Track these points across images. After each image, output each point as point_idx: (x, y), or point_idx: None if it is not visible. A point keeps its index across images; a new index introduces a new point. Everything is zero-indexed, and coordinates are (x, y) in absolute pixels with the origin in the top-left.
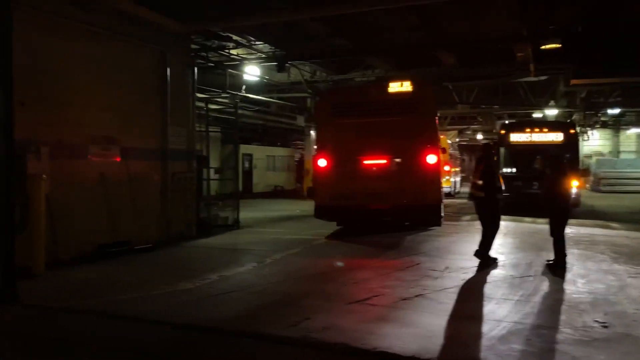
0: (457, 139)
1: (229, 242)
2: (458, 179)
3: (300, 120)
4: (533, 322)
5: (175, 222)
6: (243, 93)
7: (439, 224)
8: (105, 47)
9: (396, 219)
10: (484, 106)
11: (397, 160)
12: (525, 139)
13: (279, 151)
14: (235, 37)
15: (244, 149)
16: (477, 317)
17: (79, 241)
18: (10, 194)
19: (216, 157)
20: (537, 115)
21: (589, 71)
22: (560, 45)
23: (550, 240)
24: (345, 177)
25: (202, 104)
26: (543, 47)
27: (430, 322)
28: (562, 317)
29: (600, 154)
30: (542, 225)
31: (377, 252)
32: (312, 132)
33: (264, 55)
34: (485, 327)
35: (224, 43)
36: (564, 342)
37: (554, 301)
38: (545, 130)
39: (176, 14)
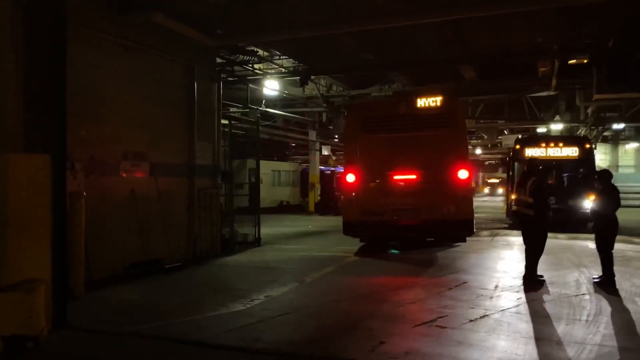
0: None
1: (257, 260)
2: None
3: (313, 135)
4: (617, 344)
5: (201, 239)
6: (263, 108)
7: (464, 240)
8: (136, 61)
9: (427, 235)
10: (484, 121)
11: (428, 175)
12: (541, 154)
13: (284, 166)
14: (260, 52)
15: (250, 163)
16: (555, 339)
17: (111, 260)
18: (62, 212)
19: None
20: (541, 130)
21: (614, 86)
22: (587, 60)
23: (584, 256)
24: (375, 193)
25: (225, 121)
26: (571, 61)
27: (510, 345)
28: None
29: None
30: (566, 241)
31: (415, 270)
32: (324, 147)
33: (284, 70)
34: (571, 351)
35: (247, 57)
36: None
37: (625, 321)
38: (561, 144)
39: (207, 28)
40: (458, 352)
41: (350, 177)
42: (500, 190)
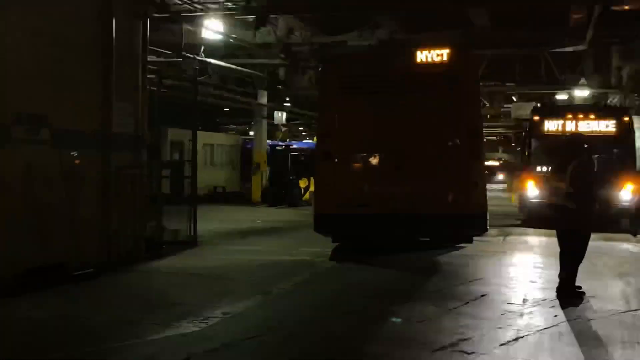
0: None
1: (198, 266)
2: None
3: (263, 97)
4: None
5: (119, 236)
6: (202, 57)
7: (470, 241)
8: None
9: (426, 233)
10: (485, 83)
11: (429, 154)
12: (567, 128)
13: (219, 138)
14: None
15: (172, 134)
16: None
17: None
18: None
19: None
20: (561, 97)
21: None
22: (628, 7)
23: (626, 262)
24: (357, 177)
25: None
26: (615, 7)
27: None
28: None
29: None
30: (599, 242)
31: (415, 279)
32: (278, 114)
33: (232, 5)
34: None
35: None
36: None
37: None
38: (592, 117)
39: None
40: None
41: (325, 156)
42: (501, 176)
